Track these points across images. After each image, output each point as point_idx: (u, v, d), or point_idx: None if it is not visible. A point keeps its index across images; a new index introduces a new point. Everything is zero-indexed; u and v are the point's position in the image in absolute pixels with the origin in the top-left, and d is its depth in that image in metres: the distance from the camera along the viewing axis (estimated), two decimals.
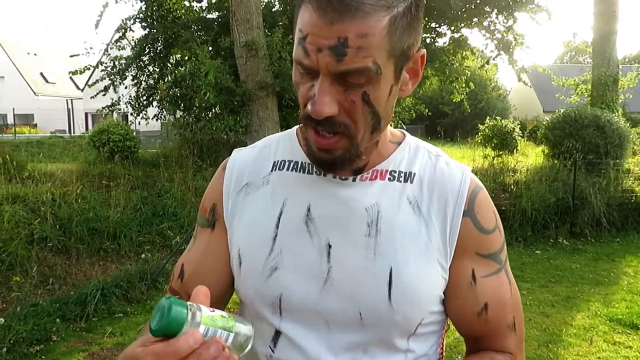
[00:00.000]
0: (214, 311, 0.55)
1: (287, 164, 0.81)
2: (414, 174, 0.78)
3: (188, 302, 0.53)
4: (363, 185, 0.76)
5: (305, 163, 0.79)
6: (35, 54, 34.65)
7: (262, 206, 0.79)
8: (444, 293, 0.76)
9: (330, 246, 0.74)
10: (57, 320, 4.01)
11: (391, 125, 0.82)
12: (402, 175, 0.77)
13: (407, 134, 0.84)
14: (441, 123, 24.65)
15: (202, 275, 0.82)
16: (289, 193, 0.78)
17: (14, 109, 26.45)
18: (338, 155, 0.70)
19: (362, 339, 0.73)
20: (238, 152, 0.87)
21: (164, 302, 0.52)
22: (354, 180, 0.76)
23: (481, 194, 0.78)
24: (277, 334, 0.76)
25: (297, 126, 0.86)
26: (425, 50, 0.73)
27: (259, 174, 0.82)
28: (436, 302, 0.76)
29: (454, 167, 0.79)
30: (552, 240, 6.79)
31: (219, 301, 0.84)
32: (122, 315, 4.32)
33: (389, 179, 0.77)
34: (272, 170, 0.81)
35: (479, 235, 0.76)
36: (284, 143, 0.84)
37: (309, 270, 0.74)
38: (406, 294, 0.71)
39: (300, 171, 0.79)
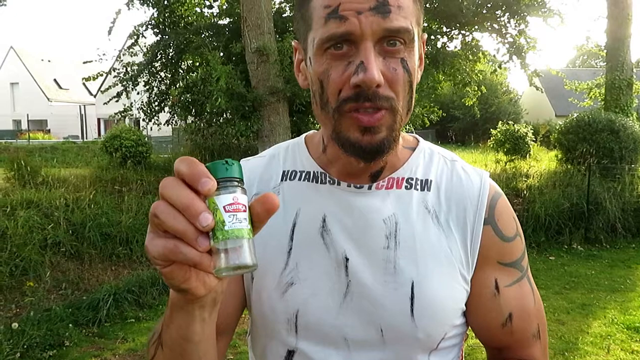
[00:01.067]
0: (244, 220, 0.49)
1: (297, 174, 0.78)
2: (431, 181, 0.75)
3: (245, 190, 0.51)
4: (379, 194, 0.73)
5: (317, 172, 0.76)
6: (49, 61, 35.12)
7: (273, 218, 0.75)
8: (465, 305, 0.74)
9: (347, 259, 0.71)
10: (70, 325, 4.03)
11: (403, 130, 0.80)
12: (419, 183, 0.75)
13: (420, 139, 0.81)
14: (452, 127, 24.56)
15: None
16: (302, 203, 0.75)
17: (28, 114, 26.80)
18: (383, 137, 0.66)
19: (383, 358, 0.71)
20: (245, 162, 0.83)
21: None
22: (369, 188, 0.73)
23: (501, 200, 0.76)
24: (291, 353, 0.73)
25: (305, 135, 0.84)
26: (426, 34, 0.72)
27: (268, 185, 0.79)
28: (458, 315, 0.73)
29: (472, 173, 0.77)
30: (566, 246, 6.70)
31: (230, 320, 0.80)
32: (134, 320, 4.33)
33: (406, 187, 0.74)
34: (282, 181, 0.78)
35: (501, 243, 0.74)
36: (292, 152, 0.81)
37: (327, 285, 0.71)
38: (429, 309, 0.69)
39: (312, 181, 0.76)
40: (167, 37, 8.26)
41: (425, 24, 7.80)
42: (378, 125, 0.65)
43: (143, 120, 8.81)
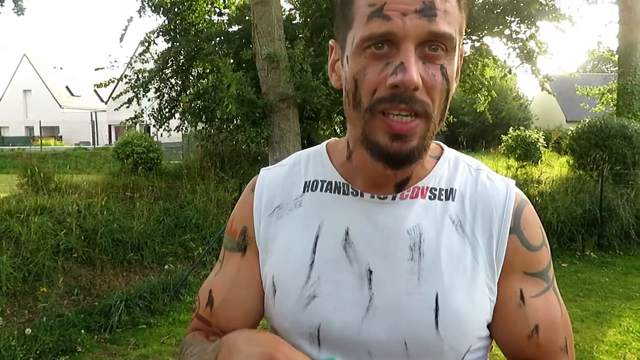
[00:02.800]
0: None
1: (320, 184, 0.77)
2: (455, 190, 0.74)
3: None
4: (404, 204, 0.72)
5: (340, 183, 0.75)
6: (61, 68, 35.53)
7: (296, 230, 0.75)
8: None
9: (371, 272, 0.70)
10: (82, 331, 4.05)
11: None
12: (443, 192, 0.74)
13: (445, 147, 0.80)
14: (462, 133, 24.47)
15: (234, 304, 0.79)
16: (325, 216, 0.74)
17: (40, 121, 27.10)
18: (414, 146, 0.64)
19: None
20: (266, 172, 0.83)
21: None
22: (393, 198, 0.72)
23: (527, 209, 0.75)
24: None
25: (326, 143, 0.82)
26: (465, 48, 0.72)
27: (290, 195, 0.78)
28: (484, 327, 0.72)
29: (497, 181, 0.75)
30: (579, 253, 6.62)
31: (252, 328, 0.81)
32: (145, 326, 4.34)
33: (430, 197, 0.73)
34: (304, 191, 0.77)
35: (526, 252, 0.73)
36: (314, 161, 0.80)
37: (350, 298, 0.70)
38: (454, 321, 0.67)
39: (335, 192, 0.75)
40: (178, 44, 8.33)
41: None
42: (411, 134, 0.64)
43: (153, 126, 8.88)
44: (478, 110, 10.35)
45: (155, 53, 8.59)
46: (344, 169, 0.76)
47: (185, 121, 8.77)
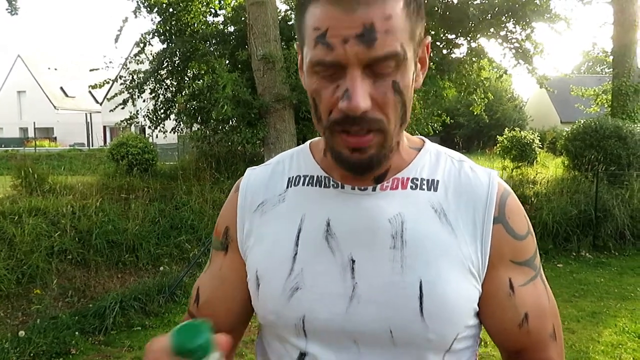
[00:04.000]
0: None
1: (302, 179, 0.78)
2: (437, 181, 0.75)
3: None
4: (384, 195, 0.73)
5: (321, 177, 0.77)
6: (55, 69, 35.39)
7: (279, 224, 0.76)
8: (478, 305, 0.73)
9: (353, 261, 0.71)
10: (76, 333, 4.02)
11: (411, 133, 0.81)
12: (425, 183, 0.74)
13: (427, 140, 0.81)
14: (457, 134, 24.57)
15: (217, 301, 0.82)
16: (307, 209, 0.75)
17: (34, 122, 26.97)
18: (373, 154, 0.67)
19: (394, 359, 0.70)
20: (251, 171, 0.85)
21: (203, 326, 0.55)
22: (374, 189, 0.73)
23: (510, 198, 0.76)
24: (302, 355, 0.73)
25: (310, 141, 0.84)
26: (430, 37, 0.72)
27: (274, 192, 0.79)
28: (471, 315, 0.72)
29: (480, 172, 0.76)
30: (574, 254, 6.64)
31: (238, 327, 0.84)
32: (140, 328, 4.31)
33: (411, 187, 0.74)
34: (287, 187, 0.79)
35: (513, 241, 0.74)
36: (297, 159, 0.82)
37: (333, 289, 0.71)
38: (439, 308, 0.68)
39: (316, 185, 0.77)
40: (173, 44, 8.30)
41: (432, 32, 7.81)
42: (368, 145, 0.66)
43: (149, 127, 8.84)
44: (474, 112, 10.38)
45: (151, 54, 8.56)
46: (324, 164, 0.78)
47: (181, 122, 8.73)
